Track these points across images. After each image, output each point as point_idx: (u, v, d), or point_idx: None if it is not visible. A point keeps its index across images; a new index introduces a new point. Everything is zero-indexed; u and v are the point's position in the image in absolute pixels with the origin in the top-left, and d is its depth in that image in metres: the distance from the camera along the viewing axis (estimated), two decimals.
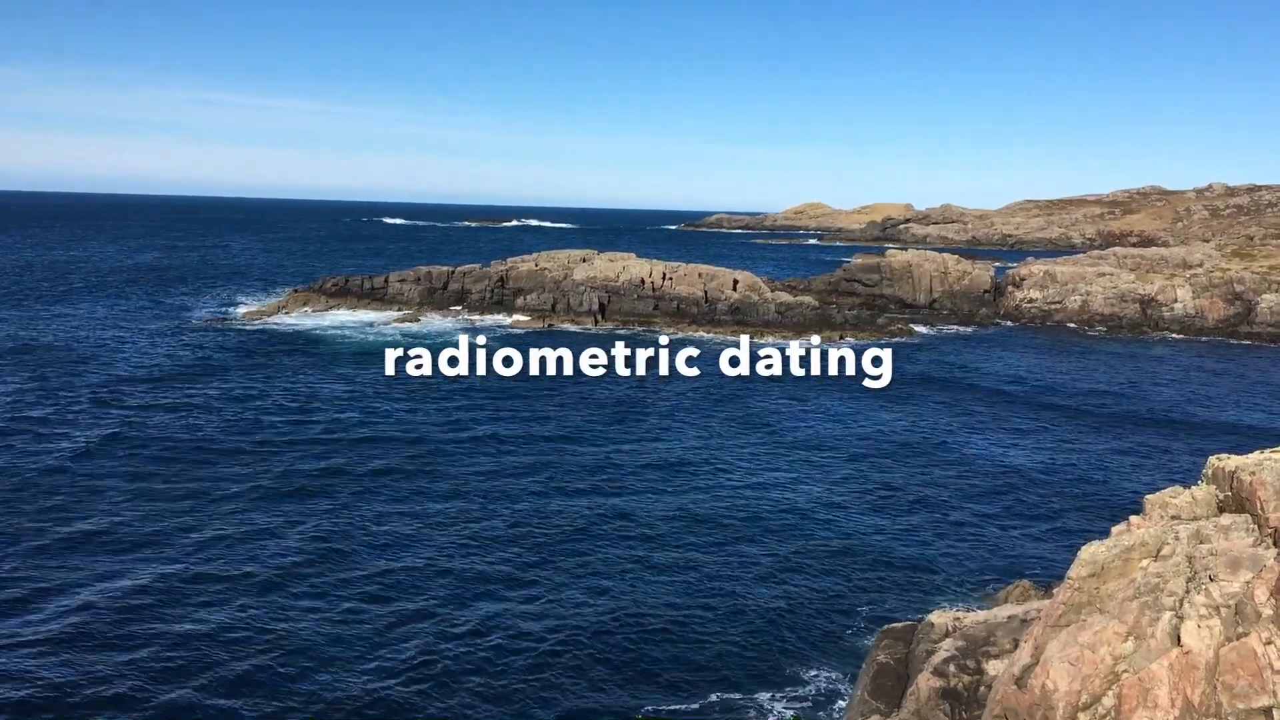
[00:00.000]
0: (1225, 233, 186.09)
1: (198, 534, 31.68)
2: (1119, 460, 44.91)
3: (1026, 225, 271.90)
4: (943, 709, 17.01)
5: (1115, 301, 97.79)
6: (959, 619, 20.29)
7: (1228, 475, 15.45)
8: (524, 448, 43.88)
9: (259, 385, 55.61)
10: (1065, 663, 13.62)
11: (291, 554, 30.30)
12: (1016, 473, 42.36)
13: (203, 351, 66.57)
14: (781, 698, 22.87)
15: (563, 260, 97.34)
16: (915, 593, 29.20)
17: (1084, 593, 14.65)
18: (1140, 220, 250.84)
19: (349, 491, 36.76)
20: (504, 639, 25.28)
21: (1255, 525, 14.39)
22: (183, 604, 26.51)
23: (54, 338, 69.58)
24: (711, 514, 35.56)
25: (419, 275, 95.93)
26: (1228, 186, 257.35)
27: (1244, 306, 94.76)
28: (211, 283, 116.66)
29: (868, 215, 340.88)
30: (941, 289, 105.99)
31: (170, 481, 37.11)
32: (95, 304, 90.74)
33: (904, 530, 34.58)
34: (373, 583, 28.38)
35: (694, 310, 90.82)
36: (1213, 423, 53.58)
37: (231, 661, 23.45)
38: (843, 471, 41.94)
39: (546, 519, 34.35)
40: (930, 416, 53.21)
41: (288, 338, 74.48)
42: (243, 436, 44.09)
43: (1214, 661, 12.63)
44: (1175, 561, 14.20)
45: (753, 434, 48.07)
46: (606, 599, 27.94)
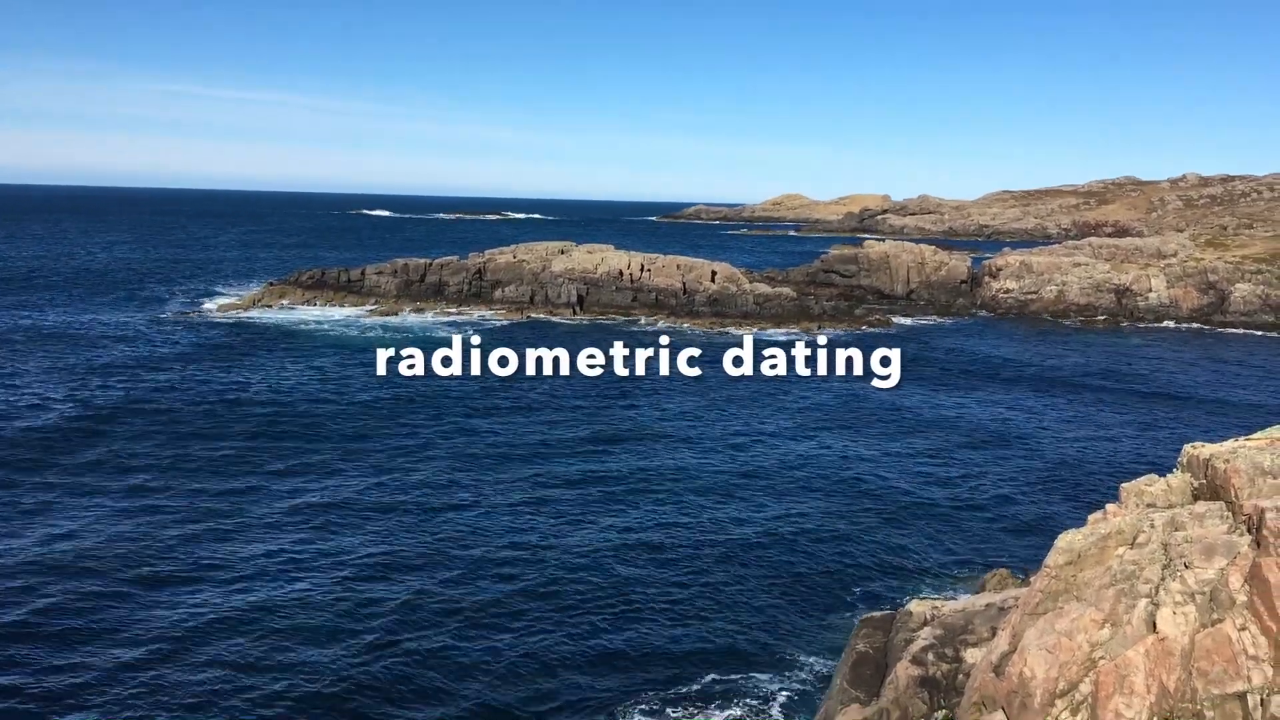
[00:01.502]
0: (1199, 223, 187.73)
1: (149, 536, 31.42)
2: (1095, 448, 45.25)
3: (1003, 216, 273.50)
4: (921, 697, 17.05)
5: (1091, 291, 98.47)
6: (937, 607, 20.34)
7: (1202, 463, 15.54)
8: (523, 444, 43.78)
9: (229, 379, 55.15)
10: (1043, 650, 13.67)
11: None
12: (993, 462, 42.61)
13: (171, 345, 65.92)
14: (766, 684, 22.94)
15: (541, 252, 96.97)
16: (893, 581, 29.35)
17: (1061, 580, 14.71)
18: (1115, 210, 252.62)
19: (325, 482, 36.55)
20: (504, 621, 25.37)
21: (1229, 512, 14.48)
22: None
23: (23, 329, 68.74)
24: (688, 506, 35.60)
25: (396, 268, 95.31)
26: (1201, 177, 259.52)
27: (1217, 296, 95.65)
28: (186, 275, 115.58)
29: (845, 206, 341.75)
30: (919, 280, 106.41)
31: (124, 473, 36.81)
32: (68, 296, 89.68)
33: (881, 520, 34.71)
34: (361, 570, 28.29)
35: (672, 302, 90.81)
36: (1187, 411, 54.06)
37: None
38: (820, 461, 42.05)
39: (547, 512, 34.32)
40: (907, 406, 53.42)
41: (260, 330, 73.89)
42: (206, 430, 43.71)
43: (1189, 648, 12.70)
44: (1151, 549, 14.27)
45: (734, 422, 48.13)
46: (604, 584, 28.07)
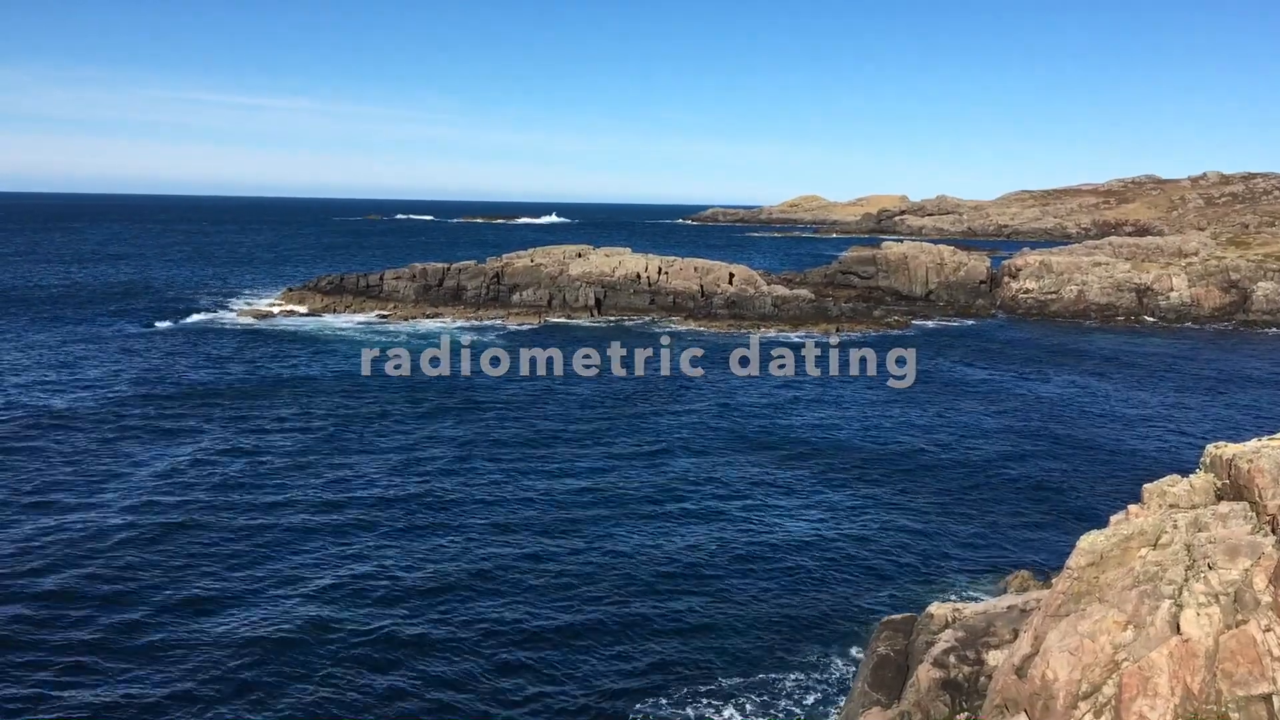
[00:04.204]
0: (1220, 221, 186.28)
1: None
2: (1116, 448, 44.94)
3: (1022, 216, 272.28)
4: (943, 700, 17.00)
5: (1111, 291, 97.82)
6: (959, 609, 20.28)
7: (1225, 463, 15.45)
8: (530, 448, 43.88)
9: (250, 388, 55.52)
10: (1065, 652, 13.62)
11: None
12: (1013, 463, 42.38)
13: (193, 353, 66.42)
14: (786, 686, 22.90)
15: (558, 256, 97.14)
16: (914, 583, 29.23)
17: (1083, 582, 14.65)
18: (1135, 209, 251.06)
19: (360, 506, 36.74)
20: (528, 626, 25.45)
21: (1253, 512, 14.38)
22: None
23: (48, 333, 69.47)
24: (714, 508, 35.59)
25: (414, 272, 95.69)
26: (1222, 175, 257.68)
27: (1240, 294, 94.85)
28: (205, 282, 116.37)
29: (863, 207, 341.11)
30: (938, 280, 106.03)
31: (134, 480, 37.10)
32: (88, 301, 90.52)
33: (902, 522, 34.58)
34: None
35: (690, 304, 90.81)
36: (1209, 410, 53.63)
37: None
38: (839, 464, 41.93)
39: (557, 514, 34.38)
40: (927, 407, 53.21)
41: (280, 337, 74.33)
42: (237, 454, 44.02)
43: (1213, 649, 12.62)
44: (1174, 550, 14.19)
45: (750, 425, 48.07)
46: (617, 586, 28.06)
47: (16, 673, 22.76)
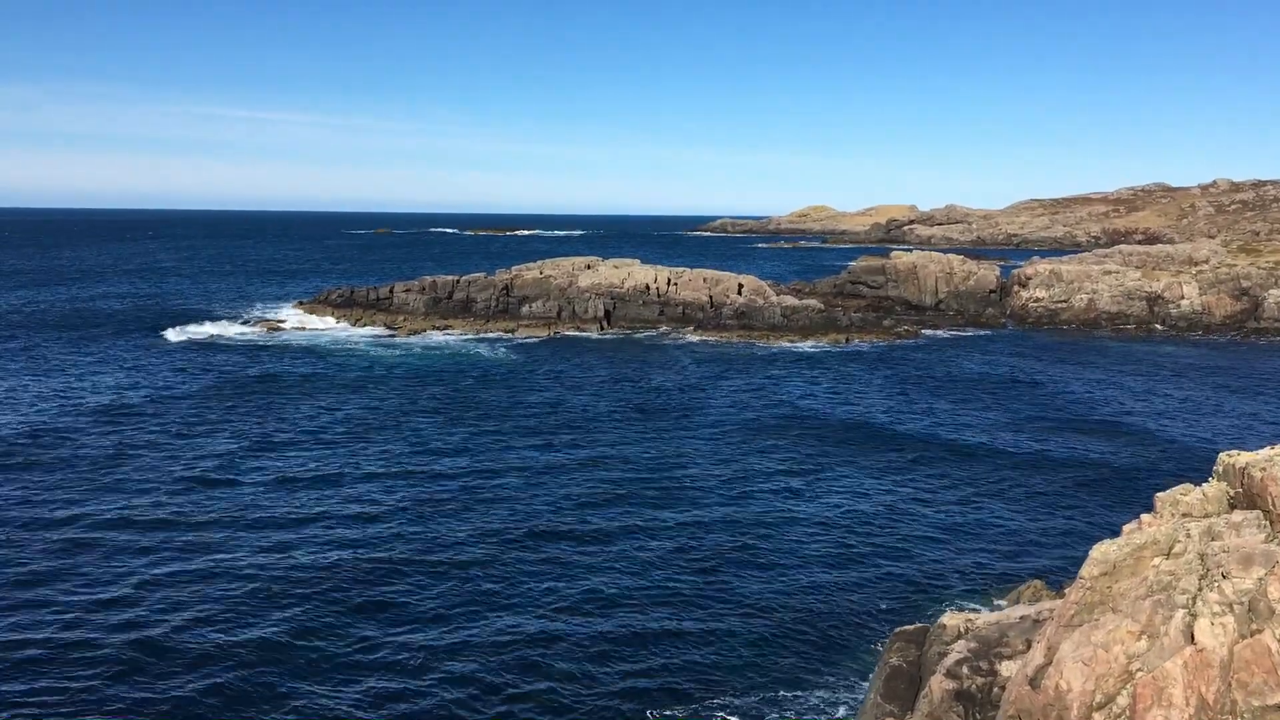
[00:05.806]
0: (1231, 228, 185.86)
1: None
2: (1128, 458, 44.77)
3: (1031, 224, 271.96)
4: (956, 711, 16.94)
5: (1122, 299, 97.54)
6: (971, 620, 20.21)
7: (1239, 471, 15.40)
8: (538, 451, 43.95)
9: (260, 404, 55.72)
10: (1079, 662, 13.57)
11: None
12: (1025, 472, 42.25)
13: (203, 366, 66.72)
14: (798, 698, 22.84)
15: (567, 267, 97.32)
16: (927, 594, 29.14)
17: (1096, 592, 14.60)
18: (1145, 218, 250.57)
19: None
20: (538, 640, 25.44)
21: (1267, 521, 14.33)
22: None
23: (59, 345, 69.89)
24: (725, 518, 35.56)
25: (424, 285, 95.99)
26: (1233, 182, 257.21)
27: (1251, 302, 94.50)
28: (216, 295, 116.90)
29: (872, 217, 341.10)
30: (947, 290, 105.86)
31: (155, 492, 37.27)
32: (98, 313, 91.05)
33: (915, 532, 34.50)
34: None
35: (699, 315, 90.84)
36: (1222, 419, 53.39)
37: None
38: (850, 472, 41.88)
39: (574, 523, 34.42)
40: (939, 417, 53.11)
41: (291, 350, 74.60)
42: (244, 464, 44.18)
43: (1228, 659, 12.56)
44: (1187, 559, 14.14)
45: (761, 436, 48.04)
46: (627, 594, 28.03)
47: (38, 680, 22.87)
